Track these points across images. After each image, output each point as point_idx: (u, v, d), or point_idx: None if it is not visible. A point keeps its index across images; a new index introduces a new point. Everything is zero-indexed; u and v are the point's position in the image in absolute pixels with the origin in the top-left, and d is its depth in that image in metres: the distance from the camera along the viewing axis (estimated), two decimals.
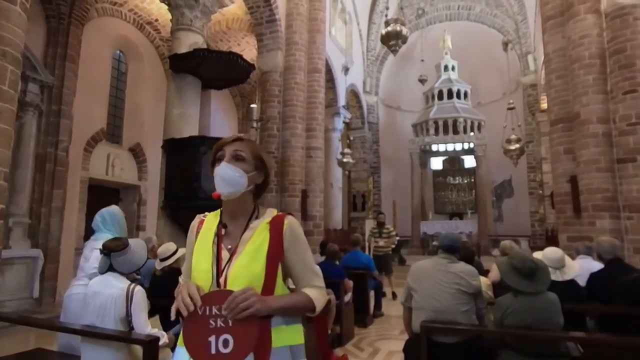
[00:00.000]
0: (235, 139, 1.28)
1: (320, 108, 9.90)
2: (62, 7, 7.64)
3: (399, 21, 7.30)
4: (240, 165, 1.23)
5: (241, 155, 1.24)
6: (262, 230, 1.22)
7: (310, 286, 1.26)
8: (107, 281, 2.32)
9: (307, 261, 1.28)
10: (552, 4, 7.12)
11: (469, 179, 16.39)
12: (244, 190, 1.23)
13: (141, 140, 9.82)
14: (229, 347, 1.04)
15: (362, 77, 16.06)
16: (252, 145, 1.30)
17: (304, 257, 1.27)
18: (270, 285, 1.17)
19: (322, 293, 1.28)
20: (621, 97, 5.85)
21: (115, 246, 2.36)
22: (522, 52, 14.37)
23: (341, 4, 13.54)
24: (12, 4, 3.50)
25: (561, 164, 6.79)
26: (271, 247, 1.20)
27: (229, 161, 1.23)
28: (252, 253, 1.18)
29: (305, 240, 1.30)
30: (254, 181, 1.27)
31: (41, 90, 7.08)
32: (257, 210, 1.29)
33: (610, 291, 2.93)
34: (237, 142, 1.27)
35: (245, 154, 1.25)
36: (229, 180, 1.21)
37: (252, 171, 1.26)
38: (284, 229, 1.24)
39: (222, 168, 1.21)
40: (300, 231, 1.29)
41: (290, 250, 1.24)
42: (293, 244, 1.24)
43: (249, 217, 1.26)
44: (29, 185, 6.84)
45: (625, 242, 5.58)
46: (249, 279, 1.15)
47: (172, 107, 5.91)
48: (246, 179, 1.23)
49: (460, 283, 2.59)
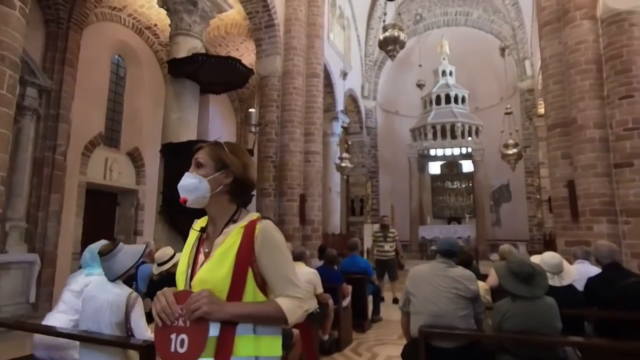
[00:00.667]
0: (199, 147, 1.31)
1: (319, 113, 9.92)
2: (61, 12, 7.66)
3: (397, 27, 7.34)
4: (200, 171, 1.25)
5: (199, 162, 1.26)
6: (235, 234, 1.21)
7: (284, 295, 1.20)
8: (102, 285, 2.31)
9: (281, 268, 1.21)
10: (548, 9, 7.18)
11: (467, 183, 16.42)
12: (209, 194, 1.23)
13: (139, 145, 9.82)
14: (184, 347, 1.08)
15: (361, 82, 16.12)
16: (213, 148, 1.29)
17: (277, 264, 1.21)
18: (237, 290, 1.15)
19: (297, 304, 1.19)
20: (617, 102, 5.88)
21: (102, 250, 2.37)
22: (519, 58, 14.47)
23: (339, 9, 13.61)
24: (11, 8, 3.50)
25: (558, 168, 6.82)
26: (240, 251, 1.17)
27: (191, 170, 1.26)
28: (218, 257, 1.18)
29: (282, 247, 1.24)
30: (220, 182, 1.25)
31: (39, 95, 7.09)
32: (239, 213, 1.28)
33: (608, 296, 2.93)
34: (200, 150, 1.29)
35: (203, 159, 1.26)
36: (187, 187, 1.23)
37: (212, 173, 1.25)
38: (256, 234, 1.20)
39: (183, 178, 1.25)
40: (275, 236, 1.23)
41: (262, 256, 1.20)
42: (265, 249, 1.20)
43: (227, 221, 1.26)
44: (26, 190, 6.82)
45: (623, 247, 5.59)
46: (212, 283, 1.14)
47: (170, 111, 5.91)
48: (206, 183, 1.23)
49: (458, 287, 2.59)
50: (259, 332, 1.15)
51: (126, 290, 2.33)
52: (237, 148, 1.33)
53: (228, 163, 1.27)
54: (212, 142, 1.32)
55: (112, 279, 2.33)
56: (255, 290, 1.18)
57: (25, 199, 6.78)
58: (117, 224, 9.72)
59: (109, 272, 2.33)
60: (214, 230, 1.27)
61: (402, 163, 15.96)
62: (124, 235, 9.49)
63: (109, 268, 2.33)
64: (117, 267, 2.34)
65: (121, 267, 2.35)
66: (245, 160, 1.31)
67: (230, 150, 1.29)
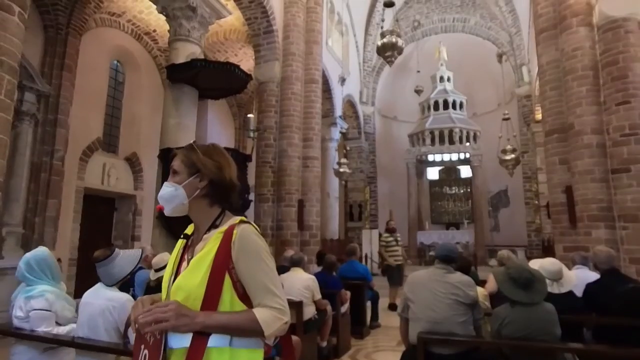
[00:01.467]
0: (172, 155, 1.27)
1: (317, 118, 9.95)
2: (60, 18, 7.68)
3: (395, 33, 7.38)
4: (175, 178, 1.22)
5: (174, 169, 1.23)
6: (214, 240, 1.15)
7: (262, 305, 1.11)
8: (97, 292, 2.30)
9: (259, 276, 1.13)
10: (545, 16, 7.24)
11: (465, 188, 16.43)
12: (187, 201, 1.20)
13: (137, 150, 9.81)
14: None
15: (359, 87, 16.18)
16: (185, 153, 1.24)
17: (255, 271, 1.13)
18: (212, 298, 1.09)
19: (276, 315, 1.10)
20: (614, 108, 5.92)
21: (98, 256, 2.34)
22: (517, 64, 14.55)
23: (338, 15, 13.69)
24: (10, 14, 3.51)
25: (556, 174, 6.84)
26: (217, 257, 1.11)
27: (169, 179, 1.23)
28: (194, 264, 1.13)
29: (261, 252, 1.15)
30: (195, 187, 1.20)
31: (38, 100, 7.09)
32: (221, 218, 1.22)
33: (606, 301, 2.93)
34: (174, 158, 1.25)
35: (177, 166, 1.23)
36: (165, 197, 1.21)
37: (186, 179, 1.21)
38: (233, 239, 1.13)
39: (162, 188, 1.22)
40: (253, 241, 1.15)
41: (239, 262, 1.12)
42: (242, 255, 1.12)
43: (209, 227, 1.21)
44: (24, 195, 6.79)
45: (621, 252, 5.59)
46: (186, 291, 1.10)
47: (168, 116, 5.92)
48: (182, 190, 1.20)
49: (457, 294, 2.58)
50: (235, 344, 1.08)
51: (122, 295, 2.31)
52: (211, 149, 1.27)
53: (200, 166, 1.21)
54: (185, 147, 1.28)
55: (111, 284, 2.32)
56: (233, 299, 1.11)
57: (22, 204, 6.75)
58: (115, 230, 9.68)
59: (108, 278, 2.32)
60: (197, 236, 1.23)
61: (401, 168, 15.98)
62: (122, 240, 9.45)
63: (108, 273, 2.31)
64: (116, 271, 2.32)
65: (121, 272, 2.34)
66: (219, 160, 1.24)
67: (202, 152, 1.23)
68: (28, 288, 2.43)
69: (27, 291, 2.42)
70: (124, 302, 2.26)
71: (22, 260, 2.48)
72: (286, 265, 4.61)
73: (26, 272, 2.44)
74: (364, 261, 10.99)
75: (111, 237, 9.53)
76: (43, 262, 2.48)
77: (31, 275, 2.44)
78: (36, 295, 2.37)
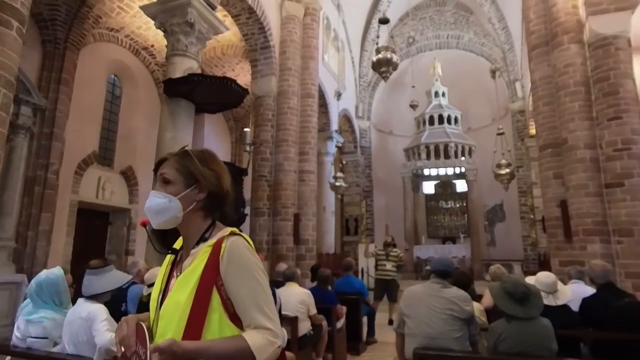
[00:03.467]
0: (160, 160, 1.14)
1: (313, 132, 9.99)
2: (59, 32, 7.75)
3: (390, 49, 7.49)
4: (168, 188, 1.09)
5: (166, 178, 1.10)
6: (202, 254, 1.05)
7: (253, 327, 1.01)
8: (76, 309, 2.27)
9: (249, 293, 1.02)
10: (537, 34, 7.39)
11: (461, 203, 16.46)
12: (181, 214, 1.08)
13: (133, 164, 9.79)
14: None
15: (355, 102, 16.33)
16: (180, 161, 1.12)
17: (245, 288, 1.02)
18: (198, 318, 0.99)
19: (269, 339, 0.99)
20: (606, 124, 6.00)
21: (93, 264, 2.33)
22: (510, 80, 14.77)
23: (334, 32, 13.90)
24: (8, 28, 3.54)
25: (551, 188, 6.87)
26: (204, 273, 1.02)
27: (157, 188, 1.10)
28: (180, 282, 1.04)
29: (252, 267, 1.05)
30: (193, 199, 1.10)
31: (34, 113, 7.08)
32: (211, 230, 1.11)
33: (603, 316, 2.91)
34: (164, 163, 1.12)
35: (170, 175, 1.10)
36: (156, 208, 1.08)
37: (183, 190, 1.09)
38: (222, 252, 1.03)
39: (149, 198, 1.09)
40: (244, 255, 1.05)
41: (228, 278, 1.02)
42: (231, 269, 1.02)
43: (199, 240, 1.10)
44: (17, 209, 6.73)
45: (617, 267, 5.59)
46: (173, 310, 1.01)
47: (165, 130, 5.92)
48: (177, 202, 1.07)
49: (453, 309, 2.56)
50: None
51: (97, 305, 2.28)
52: (207, 156, 1.16)
53: (199, 177, 1.10)
54: (178, 153, 1.15)
55: (87, 296, 2.29)
56: (222, 319, 1.01)
57: (15, 218, 6.68)
58: (109, 244, 9.59)
59: (89, 287, 2.30)
60: (186, 251, 1.13)
61: (397, 182, 16.02)
62: (115, 255, 9.35)
63: (90, 283, 2.29)
64: (99, 284, 2.29)
65: (102, 287, 2.31)
66: (216, 169, 1.14)
67: (199, 160, 1.12)
68: (31, 310, 2.38)
69: (29, 313, 2.37)
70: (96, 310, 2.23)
71: (35, 280, 2.43)
72: (280, 280, 4.57)
73: (35, 293, 2.38)
74: (360, 275, 10.91)
75: (105, 252, 9.43)
76: (52, 287, 2.40)
77: (39, 297, 2.37)
78: (35, 320, 2.32)
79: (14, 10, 3.56)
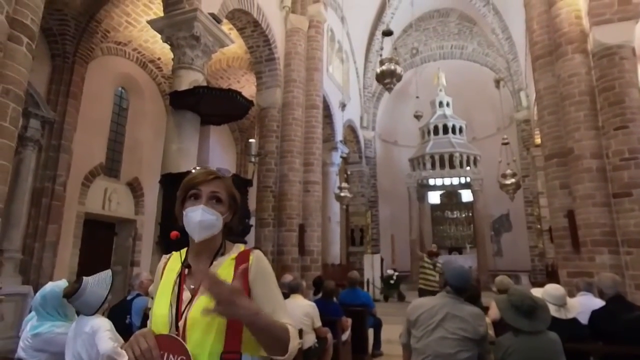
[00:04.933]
0: (212, 176, 1.19)
1: (318, 143, 10.02)
2: (68, 47, 7.90)
3: (393, 60, 7.54)
4: (218, 207, 1.16)
5: (219, 197, 1.17)
6: (227, 266, 1.14)
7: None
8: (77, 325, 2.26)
9: (277, 297, 1.16)
10: (540, 44, 7.40)
11: (467, 213, 16.36)
12: (218, 232, 1.16)
13: (139, 175, 9.86)
14: None
15: (359, 112, 16.39)
16: (227, 184, 1.21)
17: (272, 293, 1.16)
18: (236, 325, 1.04)
19: (294, 333, 1.11)
20: (613, 133, 5.95)
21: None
22: (515, 89, 14.77)
23: (338, 44, 14.02)
24: (19, 44, 3.62)
25: (557, 198, 6.81)
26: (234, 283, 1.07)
27: (206, 203, 1.14)
28: None
29: (274, 277, 1.19)
30: (226, 221, 1.19)
31: (42, 126, 7.19)
32: (224, 246, 1.20)
33: (613, 329, 2.86)
34: (215, 182, 1.18)
35: (222, 195, 1.17)
36: (206, 224, 1.13)
37: (227, 212, 1.18)
38: (250, 263, 1.13)
39: (199, 212, 1.12)
40: (268, 266, 1.19)
41: (256, 286, 1.13)
42: (259, 278, 1.14)
43: (214, 254, 1.17)
44: (24, 220, 6.79)
45: (626, 278, 5.50)
46: (209, 320, 1.03)
47: (170, 142, 5.98)
48: (222, 221, 1.16)
49: (466, 329, 2.42)
50: None
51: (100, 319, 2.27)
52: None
53: (237, 201, 1.22)
54: (227, 176, 1.23)
55: (92, 313, 2.27)
56: None
57: (22, 229, 6.74)
58: (114, 255, 9.62)
59: (87, 308, 2.27)
60: (199, 265, 1.16)
61: (402, 193, 15.97)
62: (121, 265, 9.37)
63: (85, 304, 2.26)
64: (93, 300, 2.27)
65: (98, 299, 2.28)
66: (238, 194, 1.25)
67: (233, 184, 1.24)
68: (37, 324, 2.37)
69: (35, 327, 2.35)
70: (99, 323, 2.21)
71: (40, 292, 2.42)
72: (285, 292, 4.54)
73: (39, 305, 2.37)
74: (365, 287, 10.82)
75: (110, 262, 9.46)
76: (57, 300, 2.39)
77: (43, 309, 2.37)
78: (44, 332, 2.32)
79: (24, 27, 3.64)
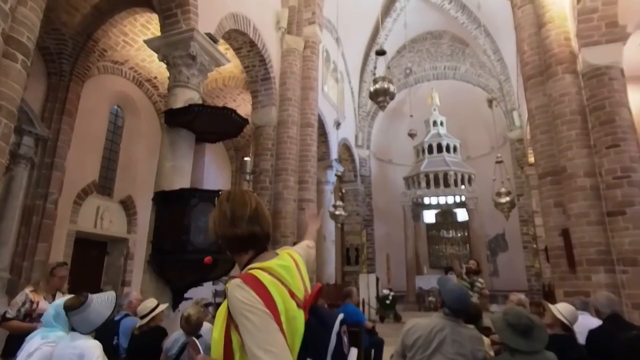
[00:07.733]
0: None
1: (313, 161, 10.04)
2: (64, 65, 7.94)
3: (387, 79, 7.63)
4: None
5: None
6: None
7: None
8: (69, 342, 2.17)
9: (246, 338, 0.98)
10: (531, 64, 7.54)
11: (462, 232, 16.32)
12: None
13: (133, 193, 9.78)
14: None
15: (354, 131, 16.52)
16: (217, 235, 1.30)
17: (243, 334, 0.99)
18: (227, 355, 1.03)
19: None
20: (605, 152, 6.01)
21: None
22: (507, 109, 14.98)
23: (333, 64, 14.24)
24: (13, 61, 3.63)
25: (552, 217, 6.81)
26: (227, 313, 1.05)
27: None
28: (217, 317, 1.10)
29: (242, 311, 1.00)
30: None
31: (35, 143, 7.16)
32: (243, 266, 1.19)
33: (610, 349, 2.81)
34: None
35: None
36: None
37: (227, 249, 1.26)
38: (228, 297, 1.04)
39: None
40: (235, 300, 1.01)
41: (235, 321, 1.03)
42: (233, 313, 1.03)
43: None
44: (13, 238, 6.67)
45: (623, 297, 5.45)
46: (215, 345, 1.07)
47: (164, 160, 5.95)
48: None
49: (464, 354, 2.37)
50: None
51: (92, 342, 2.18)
52: None
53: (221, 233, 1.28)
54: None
55: (88, 332, 2.19)
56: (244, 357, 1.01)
57: (11, 248, 6.61)
58: (105, 274, 9.44)
59: (85, 325, 2.19)
60: None
61: (397, 211, 15.95)
62: (111, 285, 9.18)
63: (85, 320, 2.19)
64: (94, 317, 2.19)
65: (98, 318, 2.21)
66: None
67: None
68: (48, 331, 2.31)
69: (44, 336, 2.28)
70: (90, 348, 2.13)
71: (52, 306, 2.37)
72: None
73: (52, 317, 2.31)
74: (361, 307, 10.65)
75: (101, 282, 9.27)
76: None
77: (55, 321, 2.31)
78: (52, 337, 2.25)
79: (19, 44, 3.66)
